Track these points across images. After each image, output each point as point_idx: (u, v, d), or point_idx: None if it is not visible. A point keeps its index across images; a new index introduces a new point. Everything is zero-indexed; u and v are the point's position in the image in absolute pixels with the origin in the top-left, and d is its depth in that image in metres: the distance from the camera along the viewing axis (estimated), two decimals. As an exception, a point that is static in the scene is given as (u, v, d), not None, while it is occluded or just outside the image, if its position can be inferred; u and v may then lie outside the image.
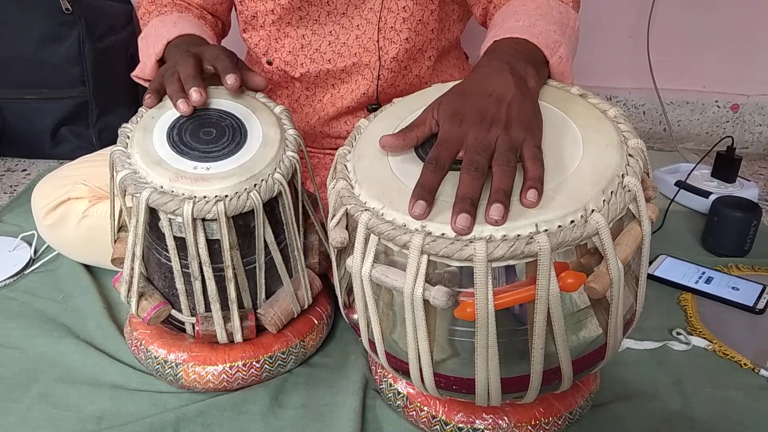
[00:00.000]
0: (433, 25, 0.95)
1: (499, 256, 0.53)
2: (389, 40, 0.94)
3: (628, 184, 0.57)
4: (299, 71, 0.98)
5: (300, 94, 1.02)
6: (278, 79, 1.02)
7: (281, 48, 0.98)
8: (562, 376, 0.63)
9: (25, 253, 1.10)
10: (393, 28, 0.93)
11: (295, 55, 0.98)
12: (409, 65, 0.97)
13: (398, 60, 0.95)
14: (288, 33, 0.97)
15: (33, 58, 1.45)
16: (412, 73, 0.98)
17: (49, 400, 0.81)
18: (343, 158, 0.67)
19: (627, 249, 0.57)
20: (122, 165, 0.73)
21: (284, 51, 0.98)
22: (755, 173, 1.51)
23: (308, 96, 1.02)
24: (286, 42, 0.97)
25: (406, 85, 0.99)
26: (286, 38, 0.97)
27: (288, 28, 0.96)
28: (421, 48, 0.96)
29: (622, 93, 1.64)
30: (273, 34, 0.98)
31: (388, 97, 0.98)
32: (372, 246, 0.59)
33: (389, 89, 0.98)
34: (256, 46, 1.00)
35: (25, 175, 1.47)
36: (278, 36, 0.98)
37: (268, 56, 1.00)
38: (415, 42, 0.95)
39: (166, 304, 0.80)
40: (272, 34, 0.98)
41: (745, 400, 0.80)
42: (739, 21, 1.54)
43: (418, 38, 0.94)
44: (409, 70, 0.98)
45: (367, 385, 0.82)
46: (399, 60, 0.95)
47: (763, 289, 1.00)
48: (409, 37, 0.94)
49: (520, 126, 0.60)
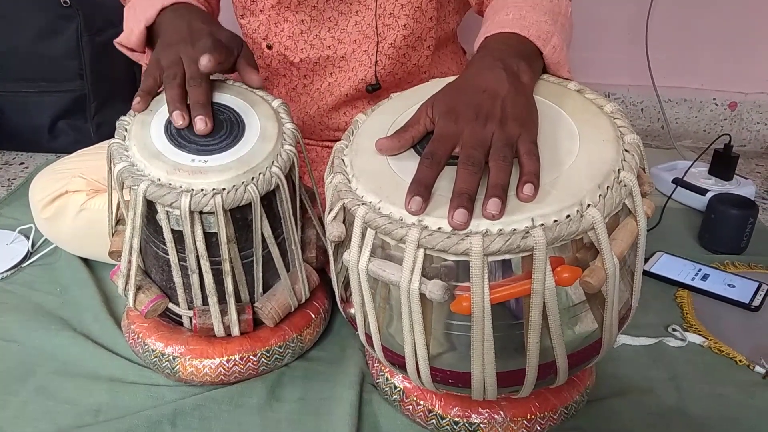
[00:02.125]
0: (431, 13, 0.95)
1: (495, 250, 0.54)
2: (388, 27, 0.94)
3: (624, 179, 0.58)
4: (299, 56, 0.98)
5: (297, 83, 1.02)
6: (277, 65, 1.01)
7: (281, 32, 0.98)
8: (557, 371, 0.63)
9: (23, 247, 1.10)
10: (392, 15, 0.93)
11: (295, 40, 0.97)
12: (407, 53, 0.97)
13: (396, 47, 0.95)
14: (287, 17, 0.97)
15: (31, 52, 1.45)
16: (410, 62, 0.98)
17: (46, 393, 0.81)
18: (340, 152, 0.67)
19: (622, 244, 0.57)
20: (120, 157, 0.73)
21: (284, 35, 0.98)
22: (752, 171, 1.52)
23: (305, 84, 1.01)
24: (286, 26, 0.97)
25: (405, 73, 0.99)
26: (286, 23, 0.97)
27: (287, 13, 0.96)
28: (420, 36, 0.96)
29: (620, 90, 1.64)
30: (272, 18, 0.97)
31: (386, 85, 0.98)
32: (369, 240, 0.59)
33: (387, 77, 0.98)
34: (255, 32, 1.00)
35: (22, 169, 1.47)
36: (277, 20, 0.97)
37: (268, 41, 0.99)
38: (414, 29, 0.94)
39: (164, 297, 0.80)
40: (271, 19, 0.97)
41: (740, 397, 0.81)
42: (738, 19, 1.54)
43: (416, 25, 0.94)
44: (408, 59, 0.98)
45: (363, 379, 0.82)
46: (397, 47, 0.95)
47: (758, 287, 1.00)
48: (407, 24, 0.94)
49: (516, 121, 0.60)
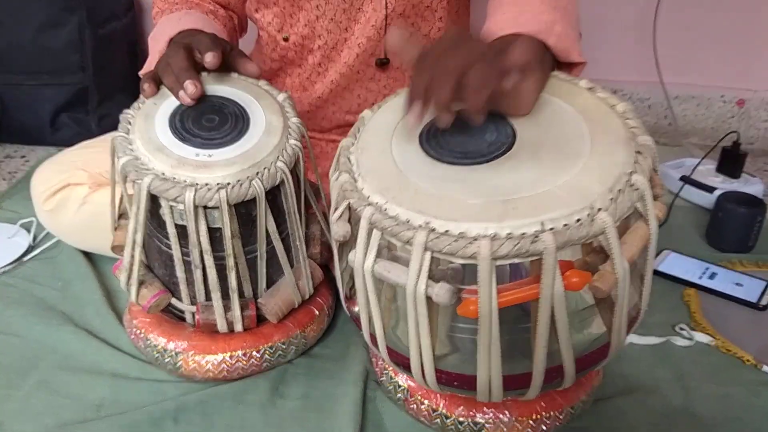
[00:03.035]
0: None
1: (504, 254, 0.53)
2: None
3: (636, 182, 0.56)
4: (317, 43, 0.98)
5: (312, 71, 1.01)
6: (293, 56, 1.01)
7: (297, 23, 0.97)
8: (564, 374, 0.63)
9: (24, 240, 1.09)
10: None
11: (312, 28, 0.97)
12: (417, 22, 0.96)
13: (405, 16, 0.94)
14: (302, 6, 0.96)
15: (33, 44, 1.44)
16: (420, 32, 0.97)
17: (48, 388, 0.81)
18: (346, 150, 0.66)
19: (633, 248, 0.56)
20: (124, 151, 0.73)
21: (300, 25, 0.97)
22: (760, 169, 1.50)
23: (320, 72, 1.01)
24: (301, 15, 0.96)
25: None
26: (301, 11, 0.96)
27: (301, 1, 0.95)
28: (430, 5, 0.95)
29: (628, 86, 1.63)
30: (287, 9, 0.97)
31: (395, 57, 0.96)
32: (375, 241, 0.58)
33: None
34: (270, 24, 0.99)
35: (24, 162, 1.47)
36: (292, 11, 0.97)
37: (284, 32, 0.99)
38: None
39: (167, 292, 0.80)
40: (286, 10, 0.97)
41: (747, 397, 0.80)
42: (746, 16, 1.52)
43: None
44: (417, 28, 0.97)
45: (367, 376, 0.82)
46: (406, 16, 0.94)
47: (766, 286, 0.99)
48: None
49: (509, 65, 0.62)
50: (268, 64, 1.04)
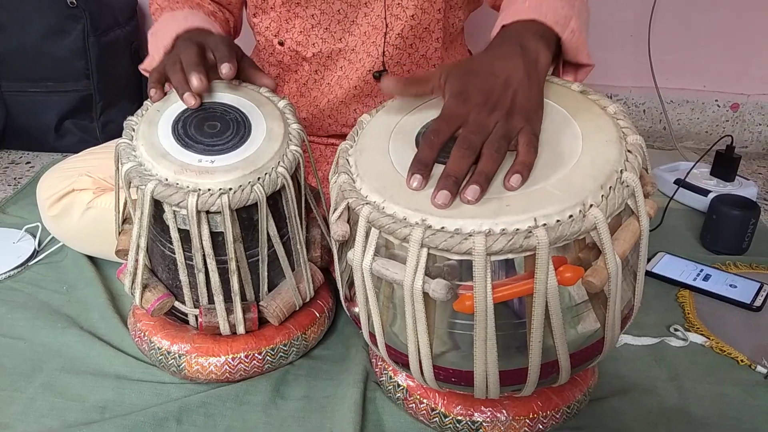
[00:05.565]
0: (440, 4, 0.95)
1: (498, 249, 0.54)
2: (395, 17, 0.94)
3: (627, 179, 0.58)
4: (311, 51, 0.99)
5: (308, 78, 1.03)
6: (289, 61, 1.02)
7: (292, 29, 0.99)
8: (559, 370, 0.64)
9: (29, 245, 1.11)
10: (400, 5, 0.94)
11: (307, 35, 0.98)
12: (415, 43, 0.97)
13: (403, 37, 0.96)
14: (298, 13, 0.97)
15: (37, 52, 1.46)
16: (418, 53, 0.98)
17: (52, 390, 0.81)
18: (345, 152, 0.67)
19: (625, 244, 0.58)
20: (127, 157, 0.74)
21: (295, 31, 0.99)
22: (754, 172, 1.52)
23: (316, 80, 1.02)
24: (297, 22, 0.98)
25: (413, 64, 0.99)
26: (297, 18, 0.98)
27: (297, 8, 0.97)
28: (428, 27, 0.96)
29: (623, 91, 1.64)
30: (283, 15, 0.98)
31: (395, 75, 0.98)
32: (373, 239, 0.59)
33: (395, 67, 0.98)
34: (267, 29, 1.01)
35: (29, 168, 1.48)
36: (288, 17, 0.98)
37: (280, 37, 1.00)
38: (421, 20, 0.95)
39: (170, 295, 0.81)
40: (282, 15, 0.98)
41: (742, 396, 0.81)
42: (740, 20, 1.54)
43: (424, 16, 0.95)
44: (415, 49, 0.98)
45: (367, 377, 0.83)
46: (404, 37, 0.96)
47: (760, 287, 1.00)
48: (415, 14, 0.94)
49: (522, 114, 0.61)
50: (266, 69, 1.06)
